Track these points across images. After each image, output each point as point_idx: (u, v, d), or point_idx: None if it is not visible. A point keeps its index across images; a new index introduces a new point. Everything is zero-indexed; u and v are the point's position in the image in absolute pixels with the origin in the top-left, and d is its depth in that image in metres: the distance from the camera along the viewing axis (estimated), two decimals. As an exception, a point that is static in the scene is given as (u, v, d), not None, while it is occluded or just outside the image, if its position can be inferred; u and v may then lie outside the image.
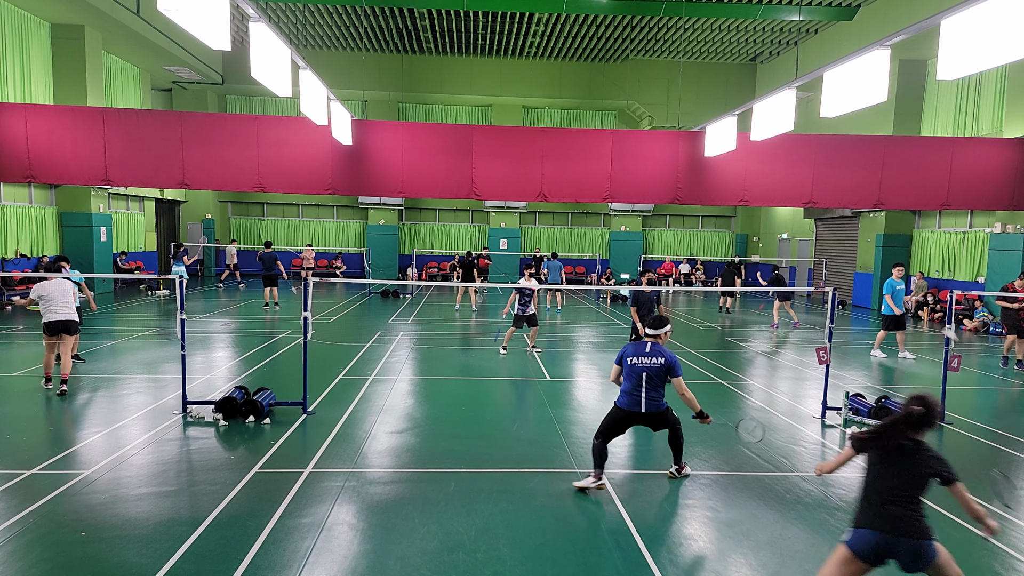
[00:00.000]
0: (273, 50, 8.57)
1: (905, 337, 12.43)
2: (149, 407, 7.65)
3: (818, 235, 24.14)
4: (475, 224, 29.20)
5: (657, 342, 5.61)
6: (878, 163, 15.47)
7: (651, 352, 5.50)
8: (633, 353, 5.53)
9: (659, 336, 5.64)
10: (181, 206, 27.17)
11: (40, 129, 14.11)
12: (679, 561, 4.38)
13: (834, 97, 9.14)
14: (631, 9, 18.25)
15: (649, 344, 5.57)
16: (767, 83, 25.02)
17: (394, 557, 4.33)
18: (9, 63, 16.37)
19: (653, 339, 5.62)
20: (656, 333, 5.64)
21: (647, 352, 5.51)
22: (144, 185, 14.72)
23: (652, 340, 5.62)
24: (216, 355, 10.93)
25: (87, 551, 4.31)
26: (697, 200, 15.85)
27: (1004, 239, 15.88)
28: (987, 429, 7.60)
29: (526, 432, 7.18)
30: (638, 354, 5.51)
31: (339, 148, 14.82)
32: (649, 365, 5.45)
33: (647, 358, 5.49)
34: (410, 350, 11.70)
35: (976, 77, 16.99)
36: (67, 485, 5.31)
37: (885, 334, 12.22)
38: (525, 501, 5.25)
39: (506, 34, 23.08)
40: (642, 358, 5.49)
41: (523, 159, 15.24)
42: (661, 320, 5.72)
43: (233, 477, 5.57)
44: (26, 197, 17.68)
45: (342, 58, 25.39)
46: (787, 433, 7.27)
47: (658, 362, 5.46)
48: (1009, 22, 6.01)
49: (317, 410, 7.67)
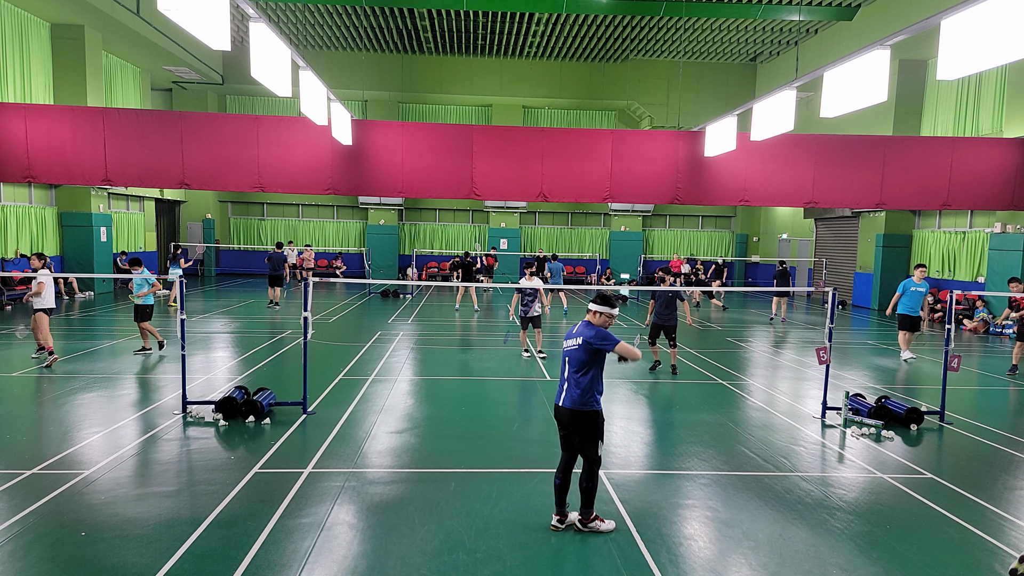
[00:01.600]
0: (273, 50, 8.57)
1: (912, 339, 12.02)
2: (149, 407, 7.65)
3: (818, 235, 24.14)
4: (475, 224, 29.19)
5: (590, 321, 4.74)
6: (878, 163, 15.46)
7: (576, 333, 4.71)
8: (565, 337, 4.82)
9: (595, 314, 4.73)
10: (181, 206, 27.18)
11: (40, 129, 14.11)
12: (679, 561, 4.38)
13: (834, 97, 9.14)
14: (631, 9, 18.25)
15: (579, 324, 4.78)
16: (767, 83, 25.02)
17: (394, 557, 4.33)
18: (9, 63, 16.37)
19: (588, 318, 4.78)
20: (594, 310, 4.74)
21: (572, 333, 4.76)
22: (144, 185, 14.72)
23: (585, 320, 4.79)
24: (216, 355, 10.93)
25: (87, 551, 4.31)
26: (697, 200, 15.84)
27: (1004, 239, 15.88)
28: (987, 429, 7.60)
29: (526, 432, 7.18)
30: (566, 337, 4.80)
31: (339, 148, 14.82)
32: (567, 348, 4.71)
33: (568, 340, 4.75)
34: (410, 350, 11.70)
35: (976, 77, 16.98)
36: (67, 485, 5.31)
37: (905, 335, 11.57)
38: (525, 501, 5.25)
39: (506, 34, 23.08)
40: (567, 341, 4.76)
41: (523, 159, 15.24)
42: (604, 298, 4.75)
43: (233, 477, 5.57)
44: (26, 197, 17.69)
45: (342, 58, 25.39)
46: (787, 433, 7.27)
47: (575, 343, 4.64)
48: (1009, 22, 6.01)
49: (317, 410, 7.67)
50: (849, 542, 4.68)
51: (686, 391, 9.10)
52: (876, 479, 5.93)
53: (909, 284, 11.57)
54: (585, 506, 4.68)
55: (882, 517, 5.12)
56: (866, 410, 7.68)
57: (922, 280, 11.57)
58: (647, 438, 7.10)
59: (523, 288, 11.01)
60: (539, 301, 11.11)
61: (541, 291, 11.05)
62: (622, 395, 8.80)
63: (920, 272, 11.64)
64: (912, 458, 6.56)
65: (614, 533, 4.73)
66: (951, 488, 5.73)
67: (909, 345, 11.74)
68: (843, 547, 4.61)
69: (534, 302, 11.05)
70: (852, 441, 7.04)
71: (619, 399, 8.60)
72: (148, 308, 10.72)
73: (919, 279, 11.56)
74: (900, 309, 11.62)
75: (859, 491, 5.65)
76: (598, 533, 4.68)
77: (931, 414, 7.87)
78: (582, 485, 4.64)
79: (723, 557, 4.46)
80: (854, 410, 7.77)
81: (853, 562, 4.40)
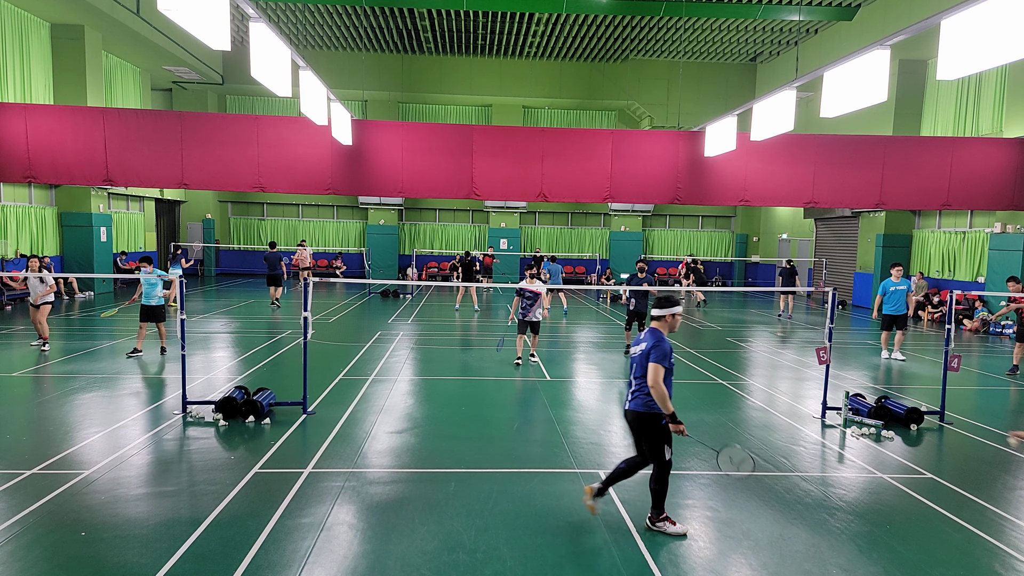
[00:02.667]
0: (273, 50, 8.57)
1: (904, 338, 12.11)
2: (149, 407, 7.65)
3: (818, 235, 24.14)
4: (475, 224, 29.19)
5: (657, 328, 4.81)
6: (878, 163, 15.46)
7: (642, 339, 4.81)
8: (635, 343, 4.90)
9: (661, 320, 4.81)
10: (181, 206, 27.18)
11: (40, 129, 14.11)
12: (679, 561, 4.38)
13: (834, 97, 9.13)
14: (631, 9, 18.25)
15: (646, 331, 4.87)
16: (767, 83, 25.02)
17: (394, 557, 4.33)
18: (9, 63, 16.38)
19: (654, 325, 4.87)
20: (657, 315, 4.84)
21: (639, 339, 4.85)
22: (144, 185, 14.72)
23: (651, 327, 4.86)
24: (216, 355, 10.93)
25: (87, 551, 4.31)
26: (697, 200, 15.84)
27: (1004, 239, 15.88)
28: (987, 429, 7.60)
29: (526, 432, 7.18)
30: (634, 343, 4.89)
31: (339, 148, 14.82)
32: (634, 355, 4.83)
33: (636, 345, 4.84)
34: (410, 350, 11.70)
35: (976, 77, 16.98)
36: (67, 485, 5.31)
37: (887, 334, 11.88)
38: (525, 501, 5.25)
39: (506, 34, 23.08)
40: (635, 347, 4.86)
41: (523, 159, 15.24)
42: (664, 300, 4.83)
43: (233, 477, 5.57)
44: (26, 197, 17.69)
45: (342, 58, 25.39)
46: (787, 433, 7.26)
47: (638, 349, 4.75)
48: (1009, 22, 6.01)
49: (317, 410, 7.67)
50: (849, 542, 4.68)
51: (686, 391, 9.10)
52: (876, 479, 5.93)
53: (888, 284, 11.68)
54: (655, 507, 4.79)
55: (882, 517, 5.12)
56: (866, 410, 7.68)
57: (900, 278, 11.66)
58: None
59: (523, 290, 10.54)
60: (540, 306, 10.57)
61: (543, 295, 10.56)
62: (622, 395, 8.80)
63: (897, 271, 11.73)
64: (912, 458, 6.56)
65: (614, 533, 4.73)
66: (951, 488, 5.73)
67: (895, 344, 11.75)
68: (843, 547, 4.60)
69: (534, 306, 10.51)
70: (852, 441, 7.04)
71: (619, 399, 8.60)
72: (161, 308, 10.75)
73: (897, 278, 11.66)
74: (884, 310, 11.75)
75: (859, 491, 5.65)
76: (665, 534, 4.72)
77: (931, 414, 7.87)
78: (652, 487, 4.75)
79: (723, 557, 4.46)
80: (854, 410, 7.77)
81: (853, 562, 4.40)
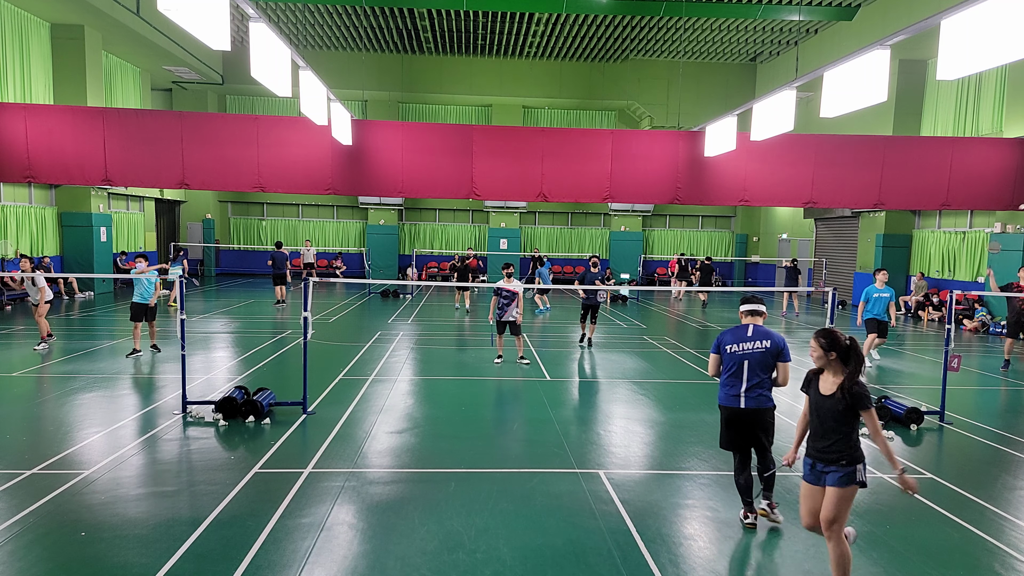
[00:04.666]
0: (273, 50, 8.57)
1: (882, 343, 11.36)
2: (149, 407, 7.65)
3: (818, 235, 24.14)
4: (475, 224, 29.19)
5: (760, 324, 5.04)
6: (878, 163, 15.46)
7: (754, 335, 4.95)
8: (733, 340, 5.00)
9: (760, 316, 5.09)
10: (181, 206, 27.17)
11: (40, 129, 14.11)
12: (679, 561, 4.38)
13: (834, 97, 9.14)
14: (631, 9, 18.25)
15: (749, 326, 5.02)
16: (767, 83, 25.02)
17: (394, 557, 4.33)
18: (9, 63, 16.37)
19: (755, 321, 5.06)
20: (753, 311, 5.10)
21: (747, 335, 4.96)
22: (144, 185, 14.73)
23: (754, 324, 5.04)
24: (216, 355, 10.93)
25: (87, 551, 4.31)
26: (697, 200, 15.85)
27: (1004, 239, 15.88)
28: (987, 429, 7.60)
29: (526, 432, 7.18)
30: (736, 340, 4.98)
31: (339, 148, 14.82)
32: (748, 350, 4.91)
33: (746, 342, 4.94)
34: (410, 350, 11.70)
35: (976, 77, 16.98)
36: (67, 485, 5.31)
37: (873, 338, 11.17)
38: (525, 501, 5.25)
39: (506, 34, 23.07)
40: (741, 344, 4.95)
41: (523, 159, 15.24)
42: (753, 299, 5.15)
43: (233, 477, 5.57)
44: (26, 197, 17.69)
45: (342, 58, 25.38)
46: (787, 433, 7.26)
47: (761, 345, 4.91)
48: (1009, 22, 6.01)
49: (317, 410, 7.67)
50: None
51: (686, 391, 9.10)
52: (876, 479, 5.92)
53: (872, 291, 11.17)
54: (770, 489, 5.03)
55: (882, 517, 5.12)
56: (866, 410, 7.67)
57: (884, 285, 11.13)
58: (647, 438, 7.09)
59: (500, 289, 10.32)
60: (516, 306, 10.34)
61: (520, 296, 10.37)
62: (622, 395, 8.80)
63: (882, 277, 11.24)
64: (912, 458, 6.56)
65: (614, 533, 4.73)
66: (951, 488, 5.73)
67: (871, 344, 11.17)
68: (843, 547, 4.60)
69: (510, 305, 10.30)
70: (852, 441, 7.03)
71: (619, 399, 8.60)
72: (152, 307, 10.75)
73: (881, 284, 11.15)
74: (866, 315, 11.12)
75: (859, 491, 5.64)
76: (771, 520, 4.94)
77: (931, 414, 7.87)
78: (764, 475, 4.97)
79: (723, 557, 4.46)
80: (854, 410, 7.75)
81: (853, 562, 4.39)
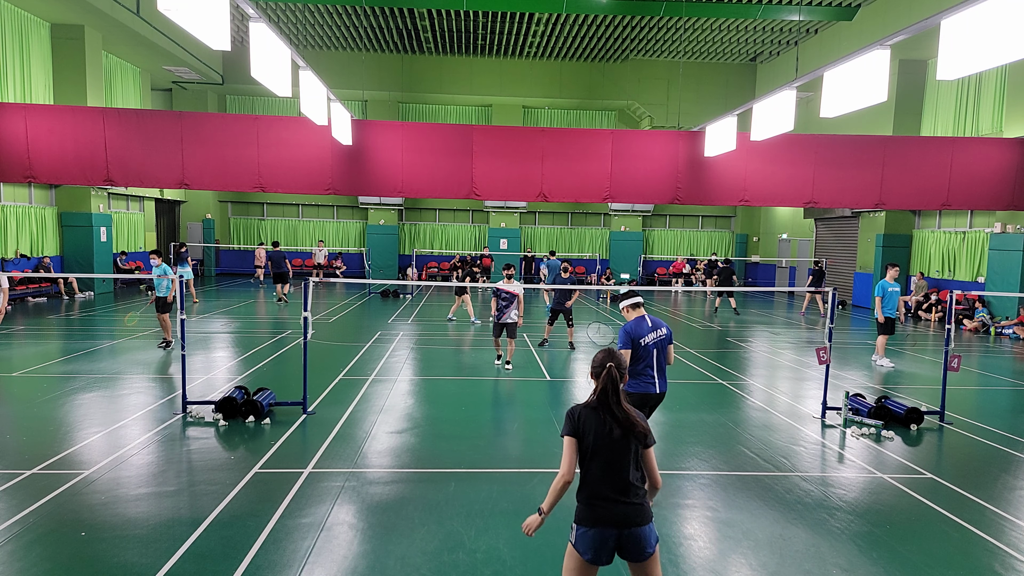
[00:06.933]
0: (273, 50, 8.57)
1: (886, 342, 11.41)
2: (149, 407, 7.65)
3: (818, 235, 24.14)
4: (475, 224, 29.18)
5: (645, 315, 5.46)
6: (878, 163, 15.47)
7: (655, 325, 5.36)
8: (643, 332, 5.32)
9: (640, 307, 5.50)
10: (181, 206, 27.17)
11: (40, 129, 14.11)
12: (679, 561, 4.38)
13: (834, 97, 9.13)
14: (631, 9, 18.25)
15: (649, 317, 5.41)
16: (767, 83, 25.02)
17: (394, 557, 4.33)
18: (9, 63, 16.37)
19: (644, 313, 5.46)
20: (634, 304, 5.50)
21: (649, 327, 5.34)
22: (144, 185, 14.72)
23: (648, 315, 5.46)
24: (216, 355, 10.93)
25: (87, 551, 4.31)
26: (697, 200, 15.84)
27: (1004, 239, 15.88)
28: (987, 429, 7.60)
29: (526, 432, 7.18)
30: (646, 331, 5.33)
31: (339, 148, 14.82)
32: (657, 339, 5.30)
33: (653, 332, 5.32)
34: (410, 350, 11.70)
35: (976, 77, 16.98)
36: (67, 485, 5.31)
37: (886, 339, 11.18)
38: (525, 501, 5.25)
39: (506, 34, 23.07)
40: (649, 335, 5.31)
41: (523, 159, 15.24)
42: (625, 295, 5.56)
43: (233, 477, 5.57)
44: (26, 197, 17.69)
45: (342, 58, 25.38)
46: (787, 433, 7.26)
47: (663, 333, 5.34)
48: (1009, 22, 6.01)
49: (317, 410, 7.67)
50: (849, 542, 4.68)
51: (686, 391, 9.10)
52: (876, 479, 5.93)
53: (886, 285, 11.00)
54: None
55: (882, 517, 5.12)
56: (866, 410, 7.68)
57: (894, 280, 11.08)
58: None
59: (499, 290, 10.11)
60: (515, 308, 10.13)
61: (520, 298, 10.17)
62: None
63: (893, 272, 11.14)
64: (912, 458, 6.56)
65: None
66: (951, 488, 5.74)
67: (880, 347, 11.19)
68: (843, 547, 4.60)
69: (509, 307, 10.09)
70: (852, 441, 7.04)
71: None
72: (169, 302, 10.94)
73: (892, 279, 11.07)
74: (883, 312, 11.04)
75: (859, 491, 5.65)
76: None
77: (931, 414, 7.87)
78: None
79: (723, 557, 4.46)
80: (854, 410, 7.77)
81: (853, 562, 4.40)
